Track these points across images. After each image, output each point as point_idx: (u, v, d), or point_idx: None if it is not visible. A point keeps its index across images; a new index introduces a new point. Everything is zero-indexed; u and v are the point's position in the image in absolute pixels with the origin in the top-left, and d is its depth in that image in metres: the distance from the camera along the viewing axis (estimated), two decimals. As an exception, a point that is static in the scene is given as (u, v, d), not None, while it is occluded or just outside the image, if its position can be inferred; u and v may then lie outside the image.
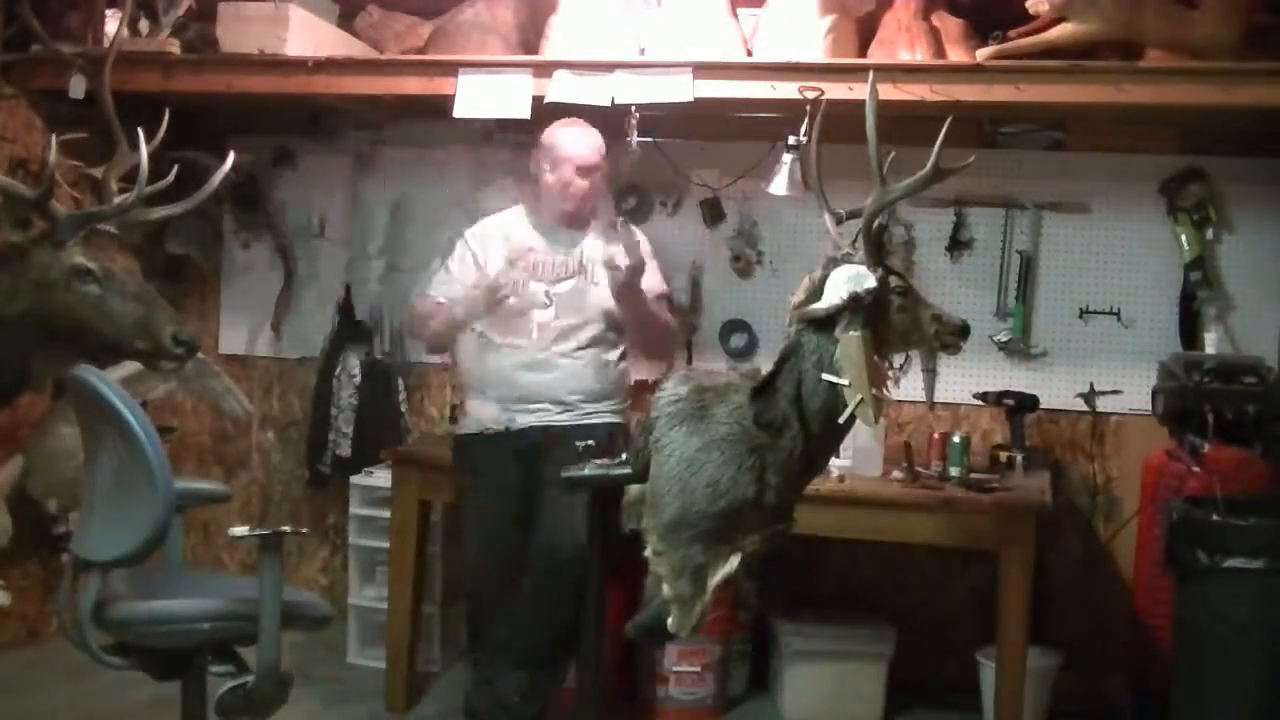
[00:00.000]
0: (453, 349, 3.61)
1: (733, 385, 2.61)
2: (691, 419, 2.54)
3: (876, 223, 2.55)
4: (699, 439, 2.51)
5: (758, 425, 2.52)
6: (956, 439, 3.63)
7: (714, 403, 2.57)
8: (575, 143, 3.43)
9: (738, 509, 2.48)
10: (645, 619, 2.56)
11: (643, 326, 3.46)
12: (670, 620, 2.49)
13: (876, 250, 2.57)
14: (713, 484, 2.47)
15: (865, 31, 3.80)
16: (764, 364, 2.69)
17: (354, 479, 4.25)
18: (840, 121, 3.62)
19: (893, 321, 2.58)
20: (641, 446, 2.63)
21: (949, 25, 3.77)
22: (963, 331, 2.62)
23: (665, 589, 2.50)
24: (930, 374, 2.87)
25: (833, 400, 2.51)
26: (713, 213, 4.22)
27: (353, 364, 4.44)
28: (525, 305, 3.37)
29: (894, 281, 2.58)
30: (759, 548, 2.51)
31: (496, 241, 3.48)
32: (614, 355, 3.46)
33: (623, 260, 3.36)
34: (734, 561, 2.49)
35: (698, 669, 3.64)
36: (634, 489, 2.62)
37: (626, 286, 3.29)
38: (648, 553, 2.52)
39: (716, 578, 2.48)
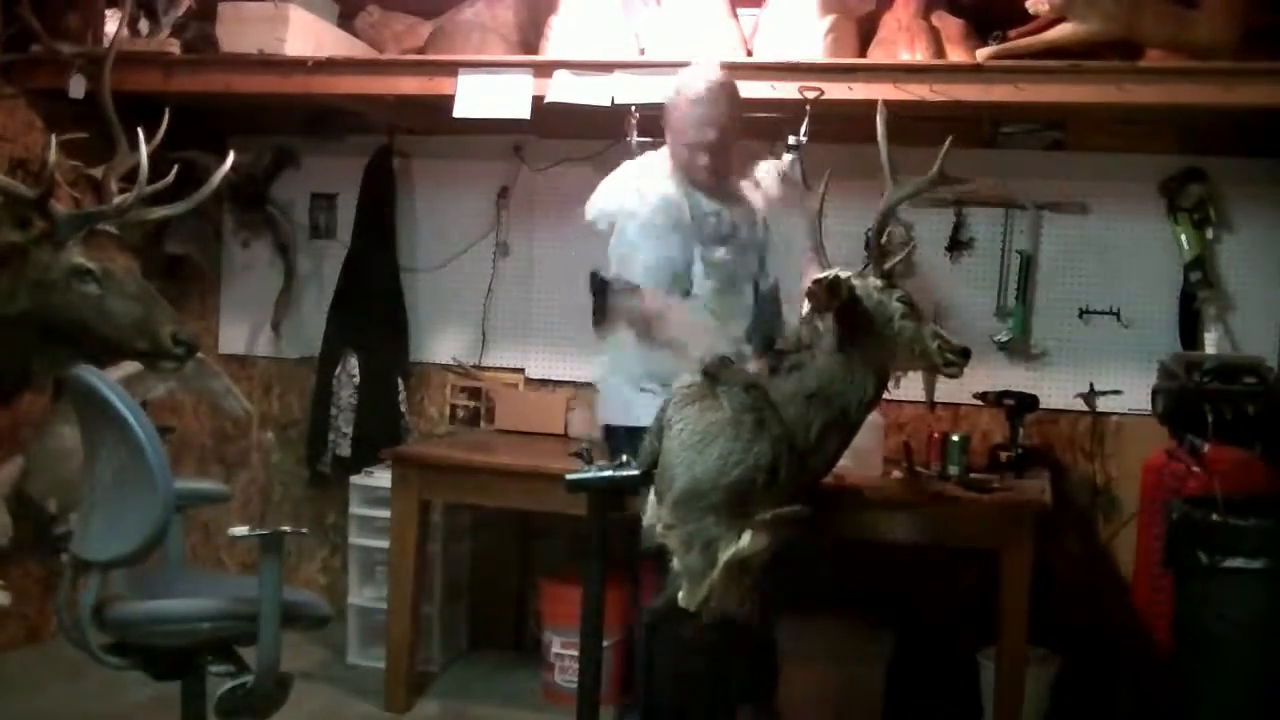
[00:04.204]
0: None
1: (746, 374, 2.67)
2: (703, 398, 2.59)
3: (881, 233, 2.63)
4: (710, 415, 2.57)
5: (774, 373, 2.65)
6: (956, 439, 3.63)
7: (725, 381, 2.62)
8: (695, 112, 3.07)
9: (749, 481, 2.51)
10: (661, 604, 2.58)
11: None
12: (681, 593, 2.50)
13: (881, 262, 2.64)
14: (724, 456, 2.52)
15: (865, 31, 3.81)
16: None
17: (354, 479, 4.25)
18: (840, 121, 3.66)
19: (897, 331, 2.61)
20: (651, 445, 2.65)
21: (949, 25, 3.77)
22: (964, 353, 2.66)
23: (675, 562, 2.51)
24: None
25: (844, 395, 2.58)
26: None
27: (353, 364, 4.45)
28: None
29: (899, 294, 2.63)
30: (772, 533, 2.53)
31: (660, 206, 3.11)
32: None
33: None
34: (746, 538, 2.51)
35: (698, 669, 3.64)
36: (650, 511, 2.65)
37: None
38: (659, 527, 2.53)
39: (728, 553, 2.50)
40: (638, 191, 3.14)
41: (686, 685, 2.90)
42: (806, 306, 2.73)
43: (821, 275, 2.57)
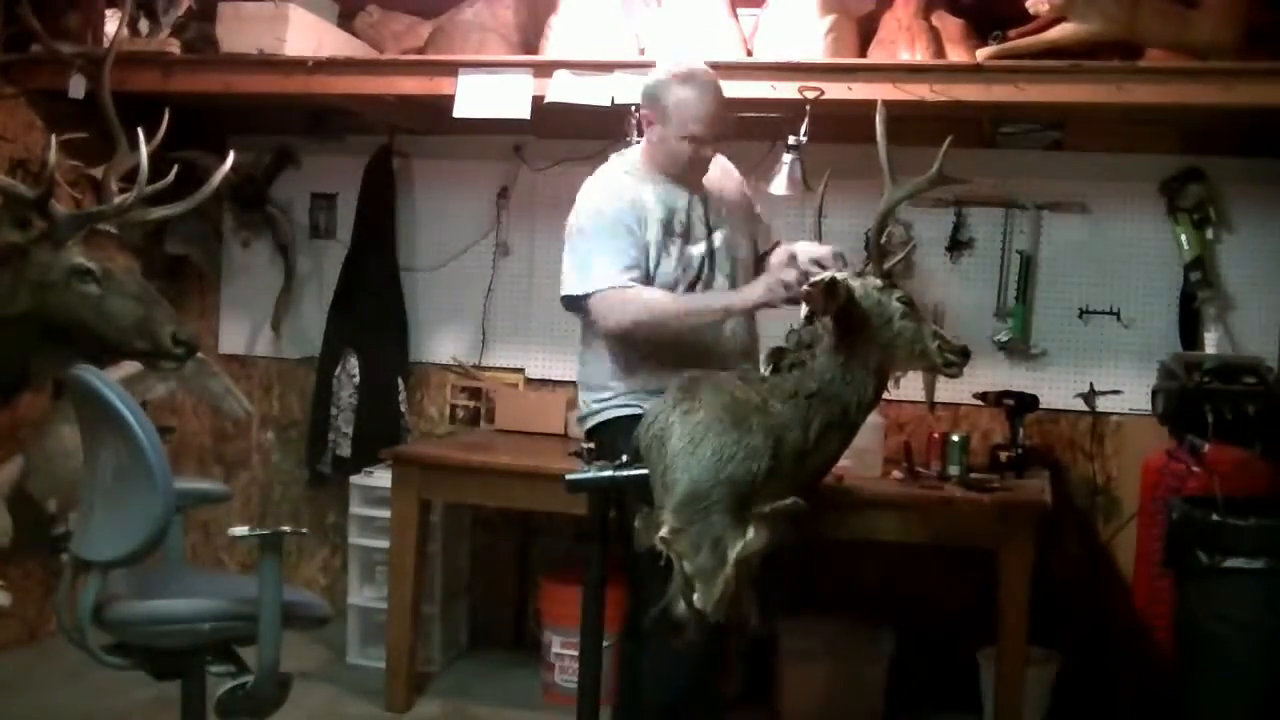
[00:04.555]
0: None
1: (719, 375, 2.68)
2: (684, 401, 2.61)
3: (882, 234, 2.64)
4: (697, 415, 2.59)
5: (776, 371, 2.67)
6: (956, 439, 3.63)
7: (702, 384, 2.64)
8: (703, 103, 2.94)
9: (747, 472, 2.52)
10: (661, 610, 2.58)
11: None
12: (696, 596, 2.50)
13: (881, 261, 2.65)
14: (717, 452, 2.53)
15: (865, 31, 3.81)
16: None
17: (354, 479, 4.25)
18: (840, 121, 3.66)
19: (896, 331, 2.62)
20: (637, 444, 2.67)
21: (949, 25, 3.77)
22: (964, 353, 2.67)
23: (686, 565, 2.51)
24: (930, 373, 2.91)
25: (844, 395, 2.58)
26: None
27: (352, 364, 4.45)
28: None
29: (898, 294, 2.64)
30: (770, 528, 2.53)
31: (635, 210, 2.97)
32: None
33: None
34: (751, 532, 2.52)
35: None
36: (642, 518, 2.65)
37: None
38: (664, 533, 2.53)
39: (736, 548, 2.50)
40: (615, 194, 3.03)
41: (679, 692, 2.91)
42: (804, 309, 2.73)
43: (819, 278, 2.57)
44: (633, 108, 3.68)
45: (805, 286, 2.60)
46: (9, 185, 3.00)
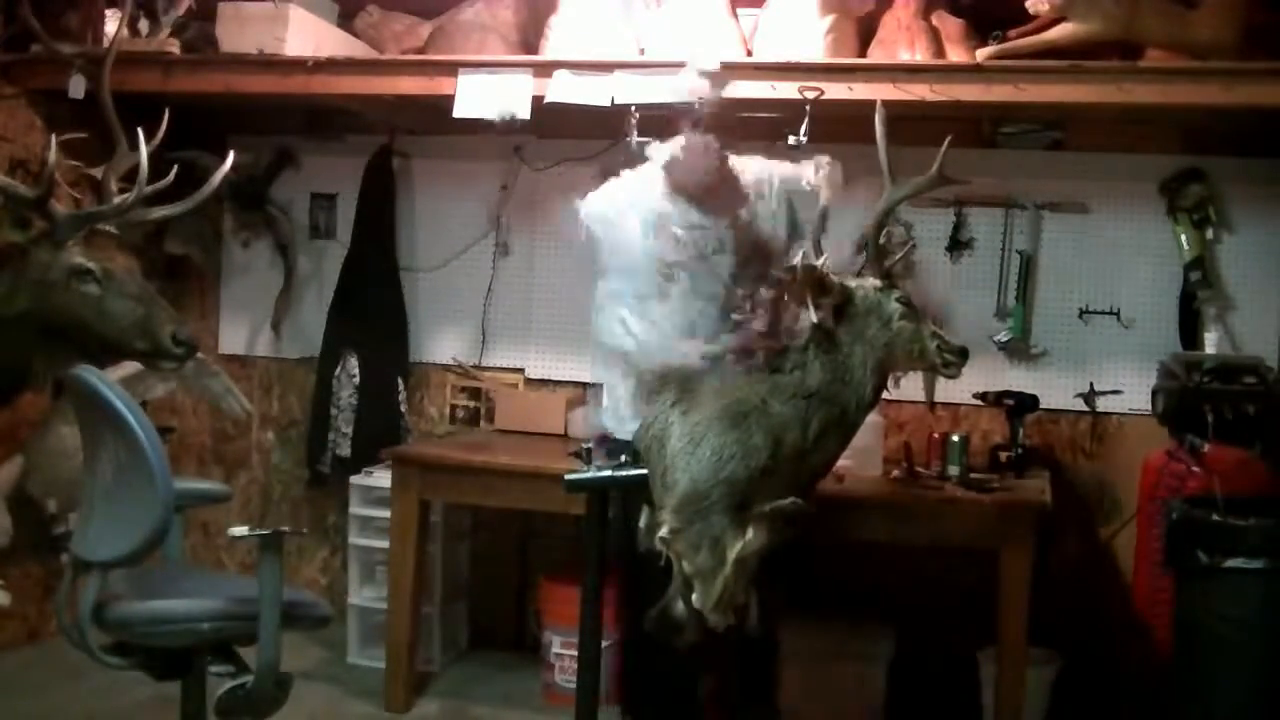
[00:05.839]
0: None
1: (719, 375, 2.69)
2: (683, 401, 2.61)
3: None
4: (696, 415, 2.58)
5: (775, 372, 2.66)
6: (956, 439, 3.63)
7: (702, 384, 2.63)
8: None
9: (746, 471, 2.52)
10: (660, 610, 2.59)
11: None
12: (695, 596, 2.51)
13: (880, 262, 2.65)
14: (717, 452, 2.53)
15: (865, 31, 3.81)
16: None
17: (354, 479, 4.25)
18: (840, 121, 3.66)
19: (895, 331, 2.62)
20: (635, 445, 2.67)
21: (949, 25, 3.77)
22: (963, 353, 2.67)
23: (685, 565, 2.52)
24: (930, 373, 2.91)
25: (844, 395, 2.58)
26: (713, 212, 4.21)
27: (352, 364, 4.45)
28: None
29: (897, 293, 2.64)
30: (773, 529, 2.53)
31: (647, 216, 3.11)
32: None
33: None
34: (750, 532, 2.52)
35: (698, 669, 3.64)
36: (645, 518, 2.66)
37: None
38: (664, 533, 2.53)
39: (735, 548, 2.51)
40: (628, 200, 3.09)
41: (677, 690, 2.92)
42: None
43: (793, 263, 2.57)
44: (632, 108, 3.69)
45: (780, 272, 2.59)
46: (9, 185, 3.00)
